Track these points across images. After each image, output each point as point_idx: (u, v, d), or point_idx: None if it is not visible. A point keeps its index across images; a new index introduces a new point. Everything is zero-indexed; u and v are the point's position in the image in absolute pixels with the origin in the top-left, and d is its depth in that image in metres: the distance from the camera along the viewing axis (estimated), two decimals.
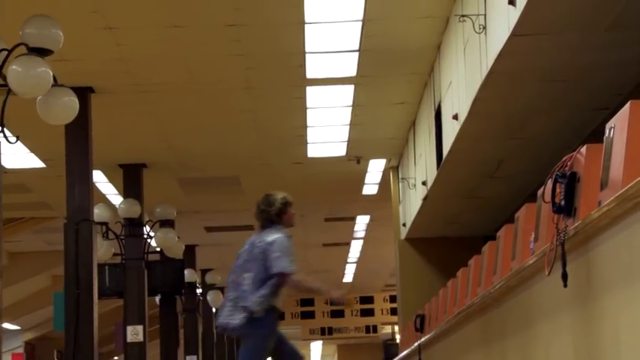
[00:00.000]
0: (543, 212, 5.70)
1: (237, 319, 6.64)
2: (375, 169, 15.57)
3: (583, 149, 5.01)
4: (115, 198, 15.66)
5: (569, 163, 5.09)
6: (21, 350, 25.52)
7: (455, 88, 9.79)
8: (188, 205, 16.85)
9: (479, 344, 8.38)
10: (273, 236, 6.71)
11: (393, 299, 29.13)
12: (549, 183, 5.16)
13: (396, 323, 26.97)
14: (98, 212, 12.72)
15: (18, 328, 24.34)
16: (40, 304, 21.43)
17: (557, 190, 5.07)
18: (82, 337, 10.47)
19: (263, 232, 6.79)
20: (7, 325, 22.77)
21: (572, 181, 5.00)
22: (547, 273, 5.25)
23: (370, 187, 16.73)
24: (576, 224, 4.84)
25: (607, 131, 4.64)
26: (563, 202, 5.02)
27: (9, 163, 13.36)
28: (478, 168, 11.63)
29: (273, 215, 6.77)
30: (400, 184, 15.24)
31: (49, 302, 16.27)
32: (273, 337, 6.74)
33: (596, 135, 8.91)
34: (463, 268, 9.33)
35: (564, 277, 4.99)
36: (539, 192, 5.74)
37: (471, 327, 8.62)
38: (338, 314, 30.39)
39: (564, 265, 4.99)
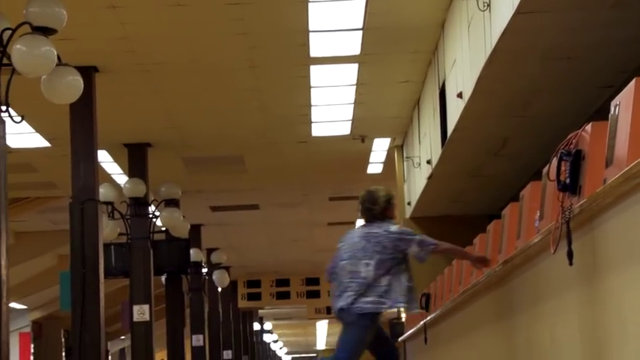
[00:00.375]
0: (548, 190, 5.69)
1: (356, 303, 6.83)
2: (380, 148, 15.56)
3: (588, 127, 5.00)
4: (120, 177, 15.67)
5: (574, 141, 5.08)
6: (28, 329, 25.62)
7: (459, 66, 9.76)
8: (193, 185, 16.87)
9: (484, 323, 8.39)
10: (393, 226, 7.00)
11: None
12: (554, 161, 5.15)
13: None
14: (103, 192, 12.74)
15: (25, 307, 24.43)
16: (47, 283, 21.50)
17: (563, 168, 5.07)
18: (88, 317, 10.51)
19: (374, 225, 7.04)
20: (13, 305, 22.85)
21: (577, 159, 5.00)
22: (552, 251, 5.25)
23: (375, 166, 16.72)
24: (581, 202, 4.84)
25: (612, 109, 4.63)
26: (568, 180, 5.02)
27: (14, 143, 13.37)
28: (483, 146, 11.62)
29: (377, 214, 7.05)
30: (405, 162, 15.23)
31: (56, 282, 16.35)
32: (374, 328, 6.93)
33: (601, 112, 8.90)
34: (468, 247, 9.34)
35: (569, 255, 4.99)
36: (544, 170, 5.73)
37: (477, 306, 8.63)
38: None
39: (569, 243, 4.98)
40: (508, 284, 7.24)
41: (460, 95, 9.77)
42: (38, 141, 13.73)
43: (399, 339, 15.59)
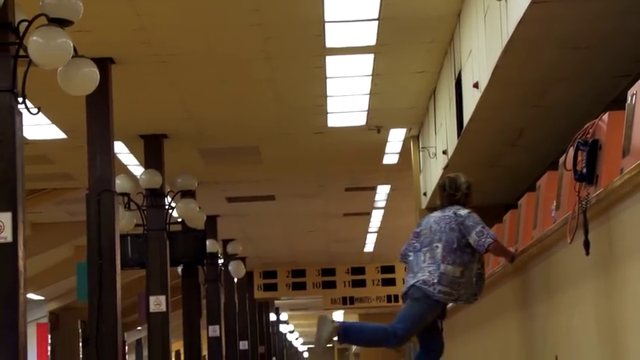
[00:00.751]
0: (565, 180, 5.68)
1: (428, 285, 6.92)
2: (396, 138, 15.54)
3: (605, 116, 4.98)
4: (136, 169, 15.71)
5: (591, 131, 5.07)
6: (45, 320, 25.73)
7: (475, 56, 9.74)
8: (209, 176, 16.89)
9: (500, 312, 8.39)
10: (463, 210, 7.01)
11: None
12: (571, 151, 5.14)
13: None
14: (120, 183, 12.77)
15: (42, 298, 24.52)
16: (64, 274, 21.57)
17: (579, 157, 5.06)
18: (105, 307, 10.54)
19: (447, 208, 7.09)
20: (31, 296, 22.95)
21: (593, 149, 4.99)
22: (569, 241, 5.24)
23: (391, 157, 16.71)
24: (598, 192, 4.83)
25: (629, 98, 4.61)
26: (585, 170, 5.01)
27: (31, 135, 13.42)
28: (499, 136, 11.59)
29: (459, 200, 7.10)
30: (421, 153, 15.21)
31: (72, 272, 16.42)
32: (435, 314, 7.00)
33: (618, 102, 8.86)
34: None
35: (586, 245, 4.99)
36: (561, 160, 5.72)
37: (493, 295, 8.62)
38: (359, 284, 30.46)
39: (586, 233, 4.98)
40: (524, 274, 7.23)
41: (476, 85, 9.75)
42: (54, 133, 13.77)
43: None
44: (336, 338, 7.05)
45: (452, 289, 6.90)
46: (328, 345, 7.24)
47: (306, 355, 72.40)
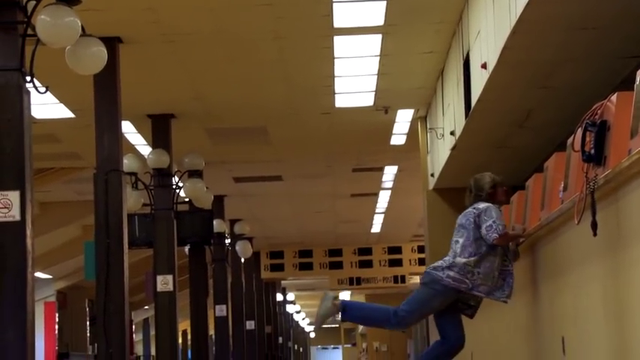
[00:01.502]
0: (573, 161, 5.68)
1: (438, 270, 6.97)
2: (403, 119, 15.52)
3: (613, 97, 4.97)
4: (144, 148, 15.72)
5: (599, 112, 5.06)
6: (53, 299, 25.82)
7: (484, 36, 9.71)
8: (216, 156, 16.89)
9: None
10: (483, 204, 7.05)
11: (421, 249, 29.19)
12: (579, 132, 5.14)
13: None
14: (127, 162, 12.78)
15: (50, 277, 24.60)
16: (71, 253, 21.63)
17: (587, 138, 5.05)
18: (112, 286, 10.58)
19: (474, 204, 7.17)
20: (39, 274, 23.03)
21: (602, 130, 4.98)
22: (576, 222, 5.24)
23: (398, 138, 16.69)
24: (606, 173, 4.82)
25: (638, 79, 4.60)
26: (593, 151, 5.00)
27: (38, 114, 13.43)
28: (507, 117, 11.57)
29: (484, 199, 7.13)
30: (428, 134, 15.19)
31: (80, 252, 16.45)
32: (445, 301, 6.96)
33: (626, 83, 8.83)
34: None
35: (594, 226, 4.99)
36: (569, 141, 5.71)
37: None
38: (366, 265, 30.50)
39: (594, 214, 4.97)
40: (532, 255, 7.24)
41: (484, 66, 9.73)
42: (62, 112, 13.78)
43: None
44: (339, 317, 7.05)
45: (463, 277, 6.87)
46: (325, 324, 7.20)
47: (312, 335, 72.58)
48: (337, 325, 62.40)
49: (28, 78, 6.95)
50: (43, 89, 7.03)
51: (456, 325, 7.11)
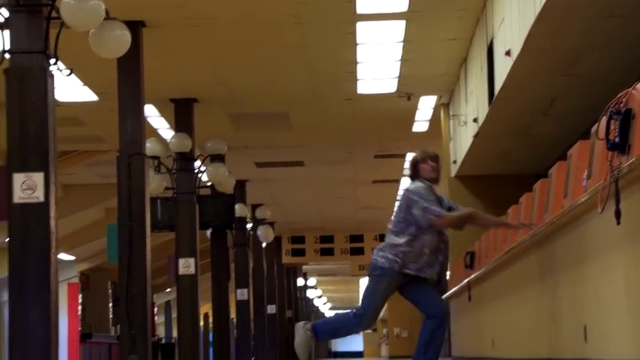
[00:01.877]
0: (597, 149, 5.65)
1: (375, 256, 7.02)
2: (426, 105, 15.49)
3: (638, 85, 4.95)
4: (167, 132, 15.76)
5: (624, 100, 5.04)
6: (76, 280, 25.95)
7: (508, 24, 9.67)
8: (238, 141, 16.92)
9: (529, 281, 8.38)
10: (413, 185, 7.08)
11: None
12: (604, 120, 5.11)
13: None
14: (150, 146, 12.81)
15: (73, 258, 24.74)
16: (94, 235, 21.73)
17: (612, 126, 5.03)
18: (135, 269, 10.63)
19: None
20: (62, 256, 23.16)
21: (627, 118, 4.95)
22: (600, 210, 5.22)
23: (420, 124, 16.66)
24: (631, 161, 4.80)
25: None
26: (617, 139, 4.98)
27: (63, 96, 13.48)
28: (530, 105, 11.53)
29: (413, 177, 7.18)
30: (451, 121, 15.16)
31: (103, 234, 16.49)
32: (393, 283, 6.93)
33: None
34: (514, 206, 9.31)
35: (617, 214, 4.97)
36: (593, 129, 5.69)
37: (521, 264, 8.62)
38: None
39: (618, 202, 4.96)
40: (554, 243, 7.22)
41: (508, 53, 9.69)
42: (86, 95, 13.83)
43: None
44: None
45: (395, 257, 6.88)
46: (305, 355, 7.09)
47: None
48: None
49: (53, 61, 6.98)
50: (67, 72, 7.07)
51: (433, 301, 7.02)
